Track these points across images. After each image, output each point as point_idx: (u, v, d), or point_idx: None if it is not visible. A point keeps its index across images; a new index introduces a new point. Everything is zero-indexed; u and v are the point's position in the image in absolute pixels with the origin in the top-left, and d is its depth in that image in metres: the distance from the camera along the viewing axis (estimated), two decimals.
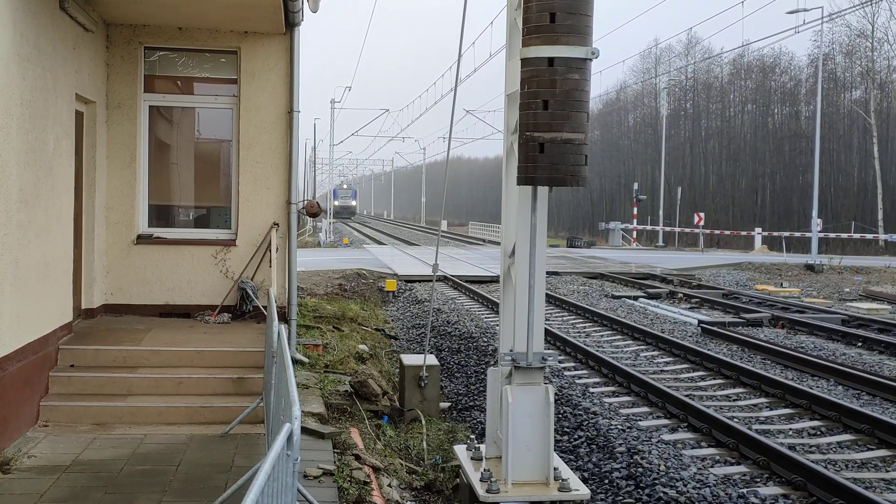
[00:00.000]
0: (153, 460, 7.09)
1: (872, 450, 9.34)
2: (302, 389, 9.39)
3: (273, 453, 3.58)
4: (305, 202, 12.02)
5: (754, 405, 11.31)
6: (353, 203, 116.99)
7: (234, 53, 11.21)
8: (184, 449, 7.42)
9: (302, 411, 5.44)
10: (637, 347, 15.41)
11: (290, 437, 3.96)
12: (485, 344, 15.06)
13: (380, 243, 51.11)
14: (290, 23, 10.75)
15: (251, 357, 9.10)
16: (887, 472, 8.65)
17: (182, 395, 8.58)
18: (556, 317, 19.26)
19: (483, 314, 19.31)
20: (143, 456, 7.20)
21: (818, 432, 10.04)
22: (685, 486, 7.83)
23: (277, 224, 11.14)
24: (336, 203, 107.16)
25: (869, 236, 48.36)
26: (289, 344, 10.53)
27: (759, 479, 8.31)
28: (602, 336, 16.69)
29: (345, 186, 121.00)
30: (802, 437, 9.84)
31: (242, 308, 10.95)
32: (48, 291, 8.42)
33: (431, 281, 13.66)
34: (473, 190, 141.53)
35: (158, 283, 10.97)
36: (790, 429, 10.15)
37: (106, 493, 6.28)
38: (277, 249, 11.00)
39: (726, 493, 7.68)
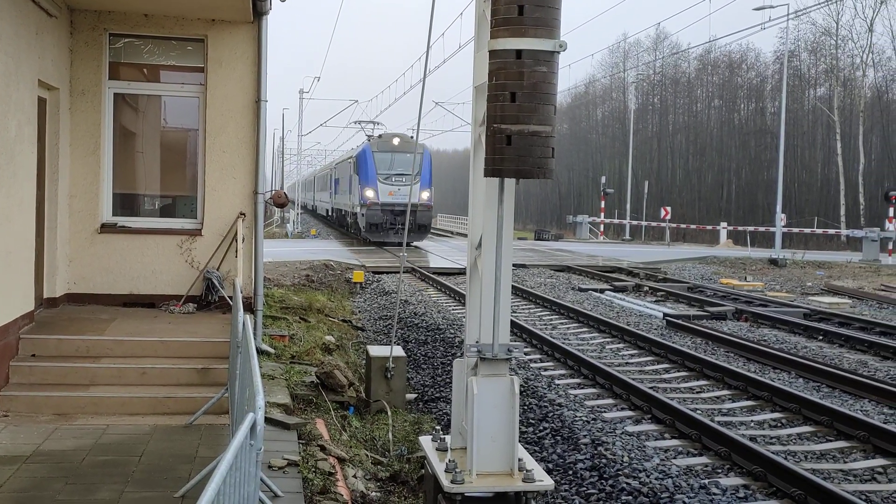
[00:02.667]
0: (115, 451, 7.03)
1: (831, 441, 9.50)
2: (267, 380, 9.35)
3: (235, 443, 3.57)
4: (273, 192, 11.97)
5: (717, 397, 11.44)
6: (426, 196, 36.36)
7: (202, 41, 11.10)
8: (147, 439, 7.36)
9: (267, 402, 5.43)
10: (603, 340, 15.52)
11: (253, 427, 3.95)
12: (452, 336, 15.08)
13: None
14: (258, 11, 10.67)
15: (216, 347, 9.04)
16: (845, 463, 8.79)
17: (145, 386, 8.51)
18: (523, 309, 19.34)
19: (450, 306, 19.34)
20: (105, 446, 7.13)
21: (779, 424, 10.18)
22: (648, 476, 7.91)
23: (244, 214, 11.07)
24: (369, 194, 36.09)
25: (831, 232, 49.08)
26: (254, 334, 10.48)
27: (720, 470, 8.41)
28: (568, 328, 16.79)
29: (395, 141, 37.19)
30: (763, 429, 9.98)
31: (208, 298, 10.88)
32: (9, 280, 8.31)
33: (399, 272, 13.65)
34: (442, 182, 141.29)
35: (122, 273, 10.86)
36: (752, 420, 10.28)
37: (67, 484, 6.22)
38: (244, 239, 10.94)
39: (688, 484, 7.78)
